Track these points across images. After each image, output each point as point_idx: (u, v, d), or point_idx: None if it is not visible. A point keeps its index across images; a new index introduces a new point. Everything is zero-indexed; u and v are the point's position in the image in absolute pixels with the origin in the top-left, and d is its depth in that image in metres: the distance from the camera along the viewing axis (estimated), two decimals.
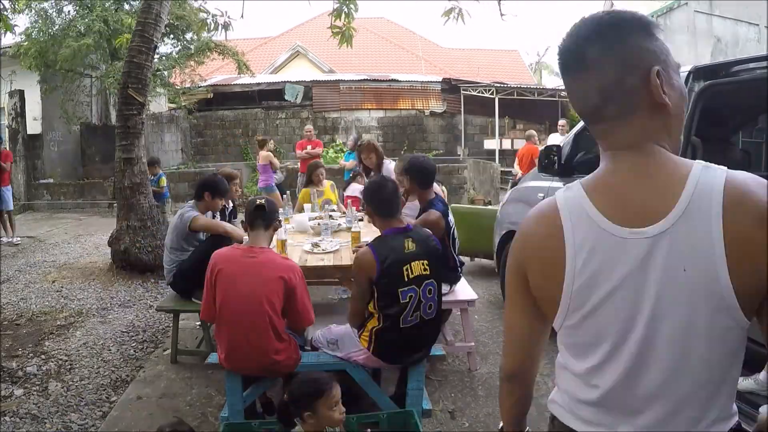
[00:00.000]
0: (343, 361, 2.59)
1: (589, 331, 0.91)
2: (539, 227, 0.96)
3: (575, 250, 0.89)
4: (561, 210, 0.92)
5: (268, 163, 8.19)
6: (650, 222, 0.84)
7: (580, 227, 0.89)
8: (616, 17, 0.90)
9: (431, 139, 15.36)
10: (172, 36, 13.09)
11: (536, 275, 0.97)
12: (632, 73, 0.88)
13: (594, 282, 0.88)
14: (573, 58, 0.93)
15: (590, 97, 0.92)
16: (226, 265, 2.47)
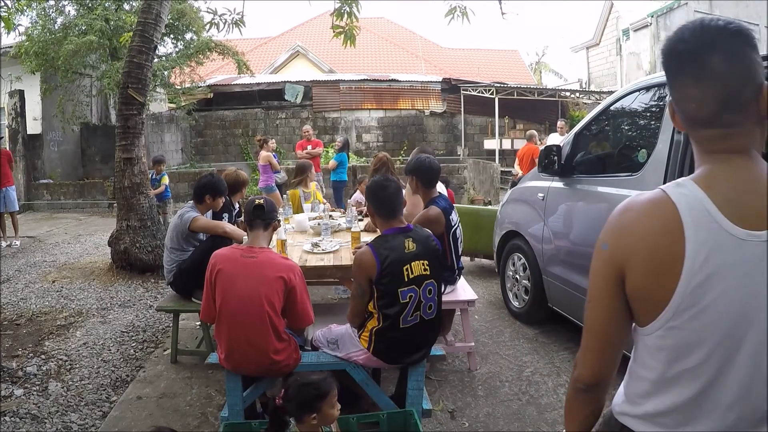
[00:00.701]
0: (343, 361, 2.59)
1: (692, 333, 0.90)
2: (651, 222, 0.93)
3: (696, 248, 0.88)
4: (679, 207, 0.91)
5: (268, 163, 8.19)
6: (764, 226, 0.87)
7: (702, 226, 0.89)
8: (738, 28, 0.92)
9: (431, 139, 15.36)
10: (172, 36, 13.10)
11: (643, 273, 0.93)
12: (750, 85, 0.91)
13: (710, 281, 0.88)
14: (694, 62, 0.93)
15: (708, 104, 0.93)
16: (225, 265, 2.47)
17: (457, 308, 3.61)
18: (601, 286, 0.99)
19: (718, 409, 0.91)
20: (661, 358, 0.95)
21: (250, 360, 2.43)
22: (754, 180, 0.91)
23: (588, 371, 1.04)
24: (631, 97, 3.39)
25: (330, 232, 3.98)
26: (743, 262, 0.87)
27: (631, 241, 0.95)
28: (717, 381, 0.90)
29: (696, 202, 0.90)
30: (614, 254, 0.97)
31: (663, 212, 0.92)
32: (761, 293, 0.86)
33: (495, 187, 11.19)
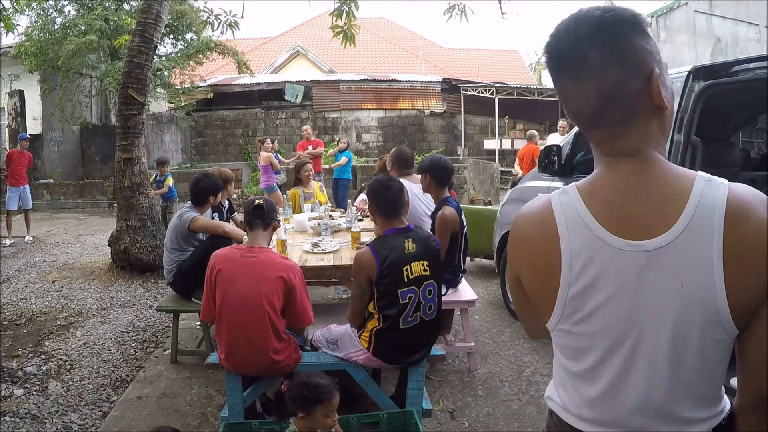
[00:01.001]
0: (343, 361, 2.59)
1: (581, 337, 0.91)
2: (533, 231, 0.94)
3: (571, 257, 0.87)
4: (556, 215, 0.90)
5: (269, 163, 8.19)
6: (649, 235, 0.83)
7: (577, 235, 0.87)
8: (616, 16, 0.85)
9: (431, 139, 15.37)
10: (172, 36, 13.10)
11: (529, 279, 0.96)
12: (635, 76, 0.85)
13: (589, 291, 0.87)
14: (569, 59, 0.87)
15: (590, 102, 0.87)
16: (225, 265, 2.47)
17: (457, 308, 3.61)
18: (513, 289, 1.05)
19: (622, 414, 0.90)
20: (564, 356, 0.96)
21: (250, 360, 2.43)
22: (639, 186, 0.86)
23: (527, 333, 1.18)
24: None
25: (330, 232, 3.98)
26: (624, 272, 0.84)
27: (518, 250, 0.98)
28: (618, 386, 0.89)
29: (572, 210, 0.88)
30: (510, 260, 1.03)
31: (543, 220, 0.91)
32: (648, 302, 0.84)
33: (495, 187, 11.19)
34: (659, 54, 0.88)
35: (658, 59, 0.87)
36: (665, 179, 0.86)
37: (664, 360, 0.85)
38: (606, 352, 0.88)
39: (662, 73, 0.87)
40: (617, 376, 0.88)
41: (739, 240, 0.79)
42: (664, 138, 0.90)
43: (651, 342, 0.85)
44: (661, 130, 0.89)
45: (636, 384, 0.87)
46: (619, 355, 0.88)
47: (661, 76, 0.86)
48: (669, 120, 0.91)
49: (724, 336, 0.83)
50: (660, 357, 0.85)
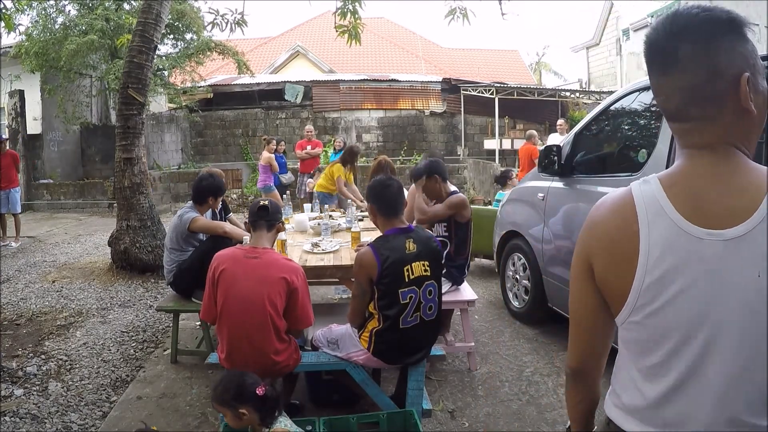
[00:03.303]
0: (343, 361, 2.59)
1: (654, 329, 0.90)
2: (613, 218, 0.94)
3: (649, 246, 0.88)
4: (637, 204, 0.90)
5: (268, 164, 8.20)
6: (728, 224, 0.84)
7: (656, 223, 0.88)
8: (711, 15, 0.87)
9: (431, 139, 15.36)
10: (172, 36, 13.10)
11: (604, 268, 0.95)
12: (722, 77, 0.86)
13: (666, 280, 0.87)
14: (660, 53, 0.91)
15: (674, 97, 0.91)
16: (228, 265, 2.47)
17: (457, 308, 3.62)
18: (576, 277, 1.02)
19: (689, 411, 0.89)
20: (632, 351, 0.95)
21: (251, 360, 2.43)
22: (717, 178, 0.88)
23: (573, 357, 1.08)
24: (631, 97, 3.39)
25: (330, 232, 3.99)
26: (702, 261, 0.85)
27: (595, 236, 0.97)
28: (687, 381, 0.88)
29: (653, 199, 0.90)
30: (584, 247, 0.99)
31: (623, 209, 0.92)
32: (724, 292, 0.84)
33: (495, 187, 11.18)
34: (755, 58, 0.89)
35: (752, 63, 0.88)
36: (742, 172, 0.87)
37: (737, 356, 0.85)
38: (678, 345, 0.88)
39: (755, 77, 0.88)
40: (688, 371, 0.88)
41: None
42: (749, 142, 0.91)
43: (725, 335, 0.85)
44: (745, 131, 0.90)
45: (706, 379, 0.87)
46: (692, 348, 0.87)
47: (753, 81, 0.87)
48: (757, 125, 0.91)
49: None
50: (733, 352, 0.85)
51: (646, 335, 0.91)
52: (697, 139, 0.91)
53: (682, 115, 0.91)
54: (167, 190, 12.23)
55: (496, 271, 5.08)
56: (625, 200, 0.93)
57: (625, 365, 0.98)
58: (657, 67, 0.92)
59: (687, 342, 0.87)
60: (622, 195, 0.94)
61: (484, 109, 14.75)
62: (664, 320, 0.88)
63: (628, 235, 0.90)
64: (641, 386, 0.94)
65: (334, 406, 2.94)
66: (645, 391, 0.93)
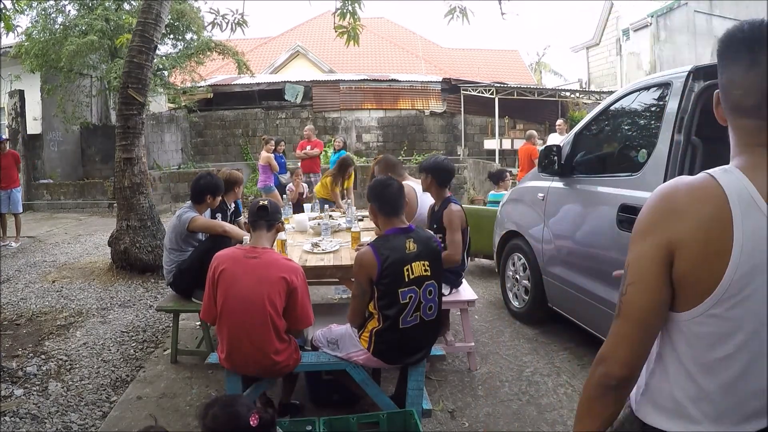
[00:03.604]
0: (343, 361, 2.59)
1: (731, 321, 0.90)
2: (700, 206, 0.91)
3: (743, 236, 0.87)
4: (729, 194, 0.90)
5: (268, 164, 8.20)
6: None
7: (749, 214, 0.88)
8: None
9: (431, 139, 15.36)
10: (172, 36, 13.09)
11: (692, 258, 0.91)
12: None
13: (756, 271, 0.88)
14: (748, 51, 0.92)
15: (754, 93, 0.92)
16: (228, 264, 2.47)
17: (457, 308, 3.62)
18: (648, 268, 0.94)
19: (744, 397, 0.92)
20: (698, 345, 0.94)
21: (251, 360, 2.43)
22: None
23: (619, 363, 0.97)
24: (631, 97, 3.39)
25: (330, 232, 3.99)
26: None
27: (683, 226, 0.92)
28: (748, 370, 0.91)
29: (744, 190, 0.89)
30: (665, 237, 0.93)
31: (714, 198, 0.90)
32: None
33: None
34: None
35: None
36: None
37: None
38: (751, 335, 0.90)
39: None
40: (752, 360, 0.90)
41: None
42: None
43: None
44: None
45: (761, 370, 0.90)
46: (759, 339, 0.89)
47: None
48: None
49: None
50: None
51: (724, 327, 0.91)
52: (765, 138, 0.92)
53: (758, 112, 0.92)
54: (167, 190, 12.23)
55: (496, 271, 5.08)
56: (712, 188, 0.91)
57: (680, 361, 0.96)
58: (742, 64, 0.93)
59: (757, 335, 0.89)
60: (706, 183, 0.93)
61: (484, 109, 14.75)
62: (744, 311, 0.89)
63: (721, 224, 0.89)
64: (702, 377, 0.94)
65: (334, 406, 2.94)
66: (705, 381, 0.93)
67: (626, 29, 15.65)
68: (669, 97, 2.93)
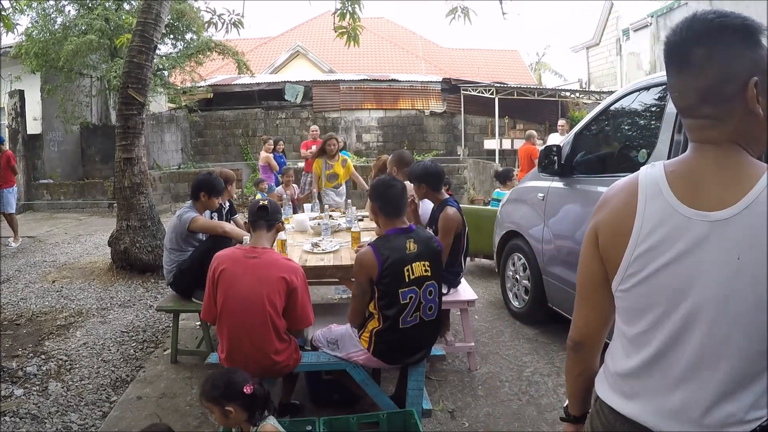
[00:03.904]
0: (343, 361, 2.59)
1: (640, 299, 0.98)
2: (619, 195, 1.03)
3: (643, 219, 0.96)
4: (640, 183, 0.99)
5: (267, 164, 8.20)
6: (715, 208, 0.90)
7: (652, 200, 0.96)
8: (726, 21, 0.92)
9: (431, 139, 15.36)
10: (172, 36, 13.09)
11: (605, 237, 1.04)
12: (732, 80, 0.92)
13: (653, 252, 0.94)
14: (677, 54, 0.97)
15: (687, 95, 0.97)
16: (228, 265, 2.47)
17: (457, 308, 3.61)
18: (584, 250, 1.09)
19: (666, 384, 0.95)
20: (623, 319, 1.03)
21: (251, 360, 2.43)
22: (715, 169, 0.94)
23: (574, 329, 1.16)
24: (631, 97, 3.39)
25: (330, 232, 3.99)
26: (687, 239, 0.91)
27: (603, 210, 1.06)
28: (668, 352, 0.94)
29: (653, 180, 0.98)
30: (594, 222, 1.08)
31: (628, 187, 1.02)
32: (705, 270, 0.90)
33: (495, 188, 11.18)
34: None
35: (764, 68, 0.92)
36: (740, 165, 0.93)
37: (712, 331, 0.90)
38: (660, 316, 0.95)
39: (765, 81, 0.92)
40: (668, 342, 0.95)
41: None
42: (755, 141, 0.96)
43: (703, 311, 0.91)
44: (752, 132, 0.95)
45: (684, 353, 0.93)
46: (673, 320, 0.94)
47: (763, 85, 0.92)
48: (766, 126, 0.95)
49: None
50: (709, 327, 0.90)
51: (633, 303, 0.99)
52: (705, 134, 0.97)
53: (694, 112, 0.97)
54: (167, 190, 12.23)
55: (496, 271, 5.08)
56: (632, 180, 1.02)
57: (617, 334, 1.06)
58: (674, 67, 0.98)
59: (668, 314, 0.94)
60: (632, 176, 1.04)
61: (484, 109, 14.74)
62: (649, 290, 0.96)
63: (628, 210, 0.99)
64: (629, 352, 1.01)
65: (334, 406, 2.94)
66: (631, 357, 1.00)
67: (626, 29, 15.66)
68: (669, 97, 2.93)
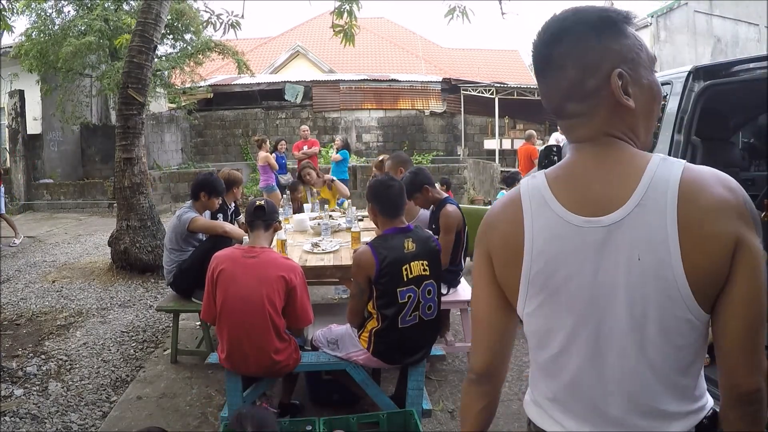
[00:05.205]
0: (343, 361, 2.59)
1: (546, 319, 0.92)
2: (503, 214, 0.97)
3: (533, 236, 0.90)
4: (523, 197, 0.94)
5: (267, 163, 8.19)
6: (606, 211, 0.86)
7: (539, 214, 0.90)
8: (580, 16, 0.89)
9: (431, 139, 15.36)
10: (171, 36, 13.09)
11: (499, 262, 0.97)
12: (593, 74, 0.88)
13: (550, 268, 0.89)
14: (538, 58, 0.94)
15: (553, 97, 0.94)
16: (227, 265, 2.47)
17: (457, 308, 3.61)
18: (478, 277, 1.02)
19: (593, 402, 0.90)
20: (532, 345, 0.97)
21: (251, 360, 2.43)
22: (597, 167, 0.89)
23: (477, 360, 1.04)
24: None
25: (330, 232, 3.98)
26: (583, 249, 0.86)
27: (490, 233, 0.99)
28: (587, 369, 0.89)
29: (537, 192, 0.92)
30: (482, 246, 1.01)
31: (513, 204, 0.95)
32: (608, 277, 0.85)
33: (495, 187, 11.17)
34: (637, 51, 0.89)
35: (631, 57, 0.89)
36: (622, 160, 0.89)
37: (629, 340, 0.86)
38: (572, 333, 0.89)
39: (636, 71, 0.89)
40: (586, 358, 0.89)
41: (692, 213, 0.81)
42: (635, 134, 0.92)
43: (614, 319, 0.86)
44: (629, 125, 0.91)
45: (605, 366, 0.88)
46: (585, 335, 0.88)
47: (633, 75, 0.88)
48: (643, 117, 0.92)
49: (689, 315, 0.83)
50: (625, 337, 0.86)
51: (541, 325, 0.93)
52: (579, 133, 0.93)
53: (563, 112, 0.94)
54: (167, 190, 12.23)
55: None
56: (514, 196, 0.96)
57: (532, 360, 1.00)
58: (538, 71, 0.95)
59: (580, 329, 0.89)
60: (513, 191, 0.98)
61: (484, 109, 14.74)
62: (554, 308, 0.90)
63: (516, 229, 0.92)
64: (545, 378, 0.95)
65: (334, 406, 2.94)
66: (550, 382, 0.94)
67: None
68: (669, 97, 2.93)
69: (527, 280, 0.92)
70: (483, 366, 1.03)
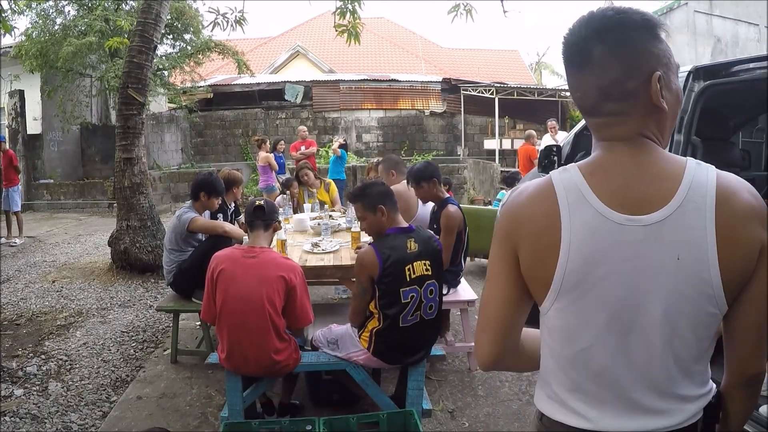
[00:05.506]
0: (343, 361, 2.59)
1: (579, 314, 0.92)
2: (537, 207, 0.94)
3: (571, 232, 0.90)
4: (558, 192, 0.92)
5: (267, 164, 8.20)
6: (647, 211, 0.88)
7: (577, 209, 0.90)
8: (623, 17, 0.90)
9: (431, 139, 15.36)
10: (171, 36, 13.08)
11: (529, 256, 0.95)
12: (634, 76, 0.90)
13: (588, 265, 0.89)
14: (577, 53, 0.94)
15: (590, 94, 0.94)
16: (227, 265, 2.47)
17: (457, 308, 3.61)
18: (500, 263, 1.00)
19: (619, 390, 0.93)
20: (558, 339, 0.97)
21: (251, 360, 2.43)
22: (636, 166, 0.91)
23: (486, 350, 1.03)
24: None
25: (330, 232, 3.98)
26: (623, 247, 0.88)
27: (519, 225, 0.96)
28: (613, 364, 0.92)
29: (573, 187, 0.91)
30: (507, 236, 0.98)
31: (544, 196, 0.93)
32: (646, 275, 0.88)
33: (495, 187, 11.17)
34: (669, 57, 0.92)
35: (665, 62, 0.91)
36: (659, 161, 0.92)
37: (659, 334, 0.90)
38: (604, 328, 0.91)
39: (667, 75, 0.91)
40: (615, 350, 0.92)
41: (728, 217, 0.86)
42: (662, 136, 0.95)
43: (648, 315, 0.89)
44: (658, 127, 0.94)
45: (633, 358, 0.91)
46: (617, 329, 0.91)
47: (666, 79, 0.91)
48: (670, 120, 0.95)
49: (716, 310, 0.89)
50: (655, 331, 0.90)
51: (572, 320, 0.93)
52: (614, 131, 0.94)
53: (598, 110, 0.94)
54: (167, 190, 12.23)
55: None
56: (545, 189, 0.94)
57: (551, 354, 0.99)
58: (574, 67, 0.95)
59: (612, 324, 0.91)
60: (543, 184, 0.95)
61: (484, 109, 14.74)
62: (589, 304, 0.91)
63: (551, 223, 0.91)
64: (569, 372, 0.96)
65: (334, 406, 2.94)
66: (573, 376, 0.95)
67: None
68: None
69: (562, 275, 0.91)
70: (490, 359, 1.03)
